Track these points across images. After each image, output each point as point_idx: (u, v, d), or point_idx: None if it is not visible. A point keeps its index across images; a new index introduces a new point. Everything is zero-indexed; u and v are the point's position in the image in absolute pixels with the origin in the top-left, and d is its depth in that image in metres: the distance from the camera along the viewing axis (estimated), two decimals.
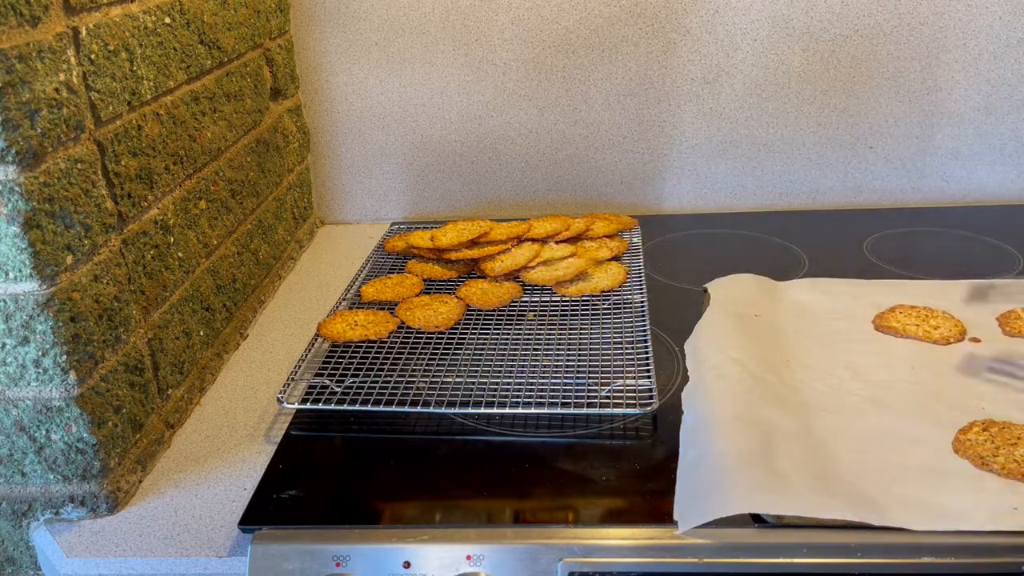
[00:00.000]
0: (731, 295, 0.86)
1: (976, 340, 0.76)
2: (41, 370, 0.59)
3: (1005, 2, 1.02)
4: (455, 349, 0.80)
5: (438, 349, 0.80)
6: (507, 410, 0.70)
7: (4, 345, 0.58)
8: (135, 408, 0.67)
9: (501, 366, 0.76)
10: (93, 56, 0.62)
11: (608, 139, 1.13)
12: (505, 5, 1.06)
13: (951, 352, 0.75)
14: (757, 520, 0.57)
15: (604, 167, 1.14)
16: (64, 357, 0.59)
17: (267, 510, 0.62)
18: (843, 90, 1.08)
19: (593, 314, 0.85)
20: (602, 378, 0.73)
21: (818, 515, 0.55)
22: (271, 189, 1.00)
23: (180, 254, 0.76)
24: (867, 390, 0.70)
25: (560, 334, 0.81)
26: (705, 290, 0.89)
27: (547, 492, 0.62)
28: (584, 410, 0.69)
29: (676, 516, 0.57)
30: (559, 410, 0.69)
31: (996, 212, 1.10)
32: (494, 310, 0.86)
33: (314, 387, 0.74)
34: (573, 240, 0.99)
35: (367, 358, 0.79)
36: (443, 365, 0.77)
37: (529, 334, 0.81)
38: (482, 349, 0.80)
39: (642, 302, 0.86)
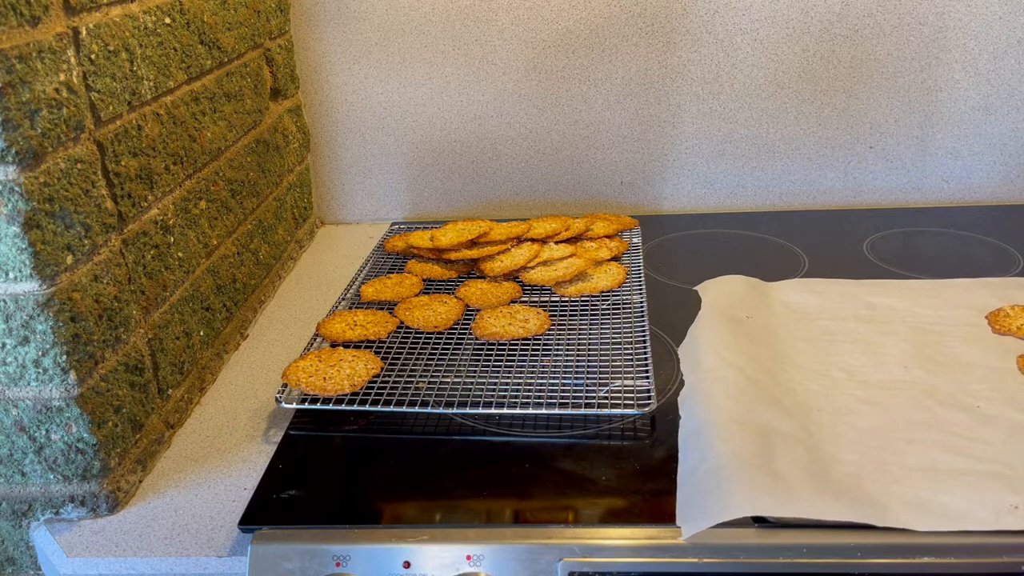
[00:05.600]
0: (721, 297, 0.86)
1: None
2: (41, 370, 0.59)
3: (1005, 2, 1.02)
4: (455, 349, 0.80)
5: (437, 349, 0.80)
6: (506, 410, 0.70)
7: (4, 345, 0.58)
8: (135, 408, 0.67)
9: (500, 366, 0.76)
10: (93, 56, 0.62)
11: (608, 139, 1.13)
12: (505, 5, 1.06)
13: (943, 351, 0.75)
14: (758, 521, 0.57)
15: (604, 167, 1.14)
16: (64, 357, 0.59)
17: (267, 510, 0.62)
18: (843, 90, 1.08)
19: (592, 314, 0.85)
20: (601, 378, 0.73)
21: (820, 517, 0.55)
22: (271, 189, 1.00)
23: (180, 254, 0.76)
24: (861, 390, 0.70)
25: (559, 334, 0.81)
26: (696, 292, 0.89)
27: (547, 492, 0.62)
28: (583, 411, 0.69)
29: (679, 522, 0.57)
30: (558, 411, 0.69)
31: (996, 212, 1.10)
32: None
33: None
34: (573, 240, 0.99)
35: None
36: (443, 365, 0.77)
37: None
38: (481, 349, 0.80)
39: (641, 302, 0.86)
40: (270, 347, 0.88)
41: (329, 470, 0.67)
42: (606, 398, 0.70)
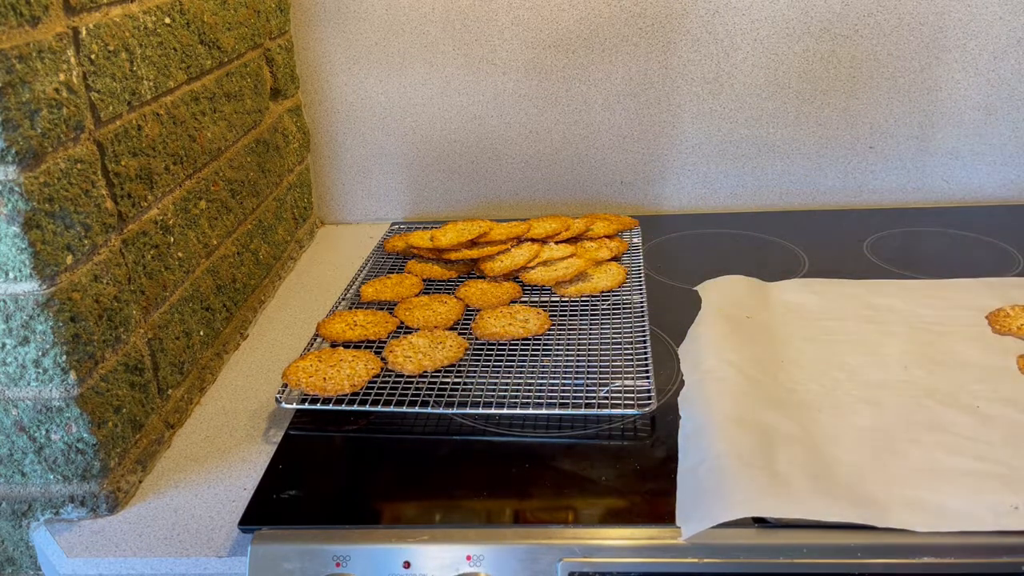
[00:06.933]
0: (722, 297, 0.86)
1: None
2: (41, 370, 0.59)
3: (1005, 2, 1.02)
4: None
5: None
6: (506, 410, 0.70)
7: (4, 345, 0.58)
8: (135, 408, 0.67)
9: (500, 366, 0.76)
10: (93, 56, 0.62)
11: (608, 139, 1.13)
12: (505, 5, 1.06)
13: (943, 352, 0.75)
14: (758, 521, 0.57)
15: (604, 167, 1.14)
16: (64, 357, 0.59)
17: (267, 510, 0.62)
18: (843, 90, 1.08)
19: (592, 314, 0.85)
20: (601, 379, 0.73)
21: (820, 518, 0.55)
22: (271, 189, 1.00)
23: (180, 254, 0.76)
24: (862, 390, 0.70)
25: (559, 334, 0.81)
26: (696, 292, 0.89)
27: (547, 492, 0.62)
28: (583, 411, 0.69)
29: (679, 522, 0.57)
30: (558, 411, 0.69)
31: (996, 212, 1.10)
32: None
33: None
34: (573, 240, 0.99)
35: None
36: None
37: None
38: (481, 349, 0.80)
39: (641, 302, 0.86)
40: (270, 347, 0.88)
41: (329, 470, 0.67)
42: (606, 398, 0.70)
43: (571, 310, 0.86)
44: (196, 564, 0.60)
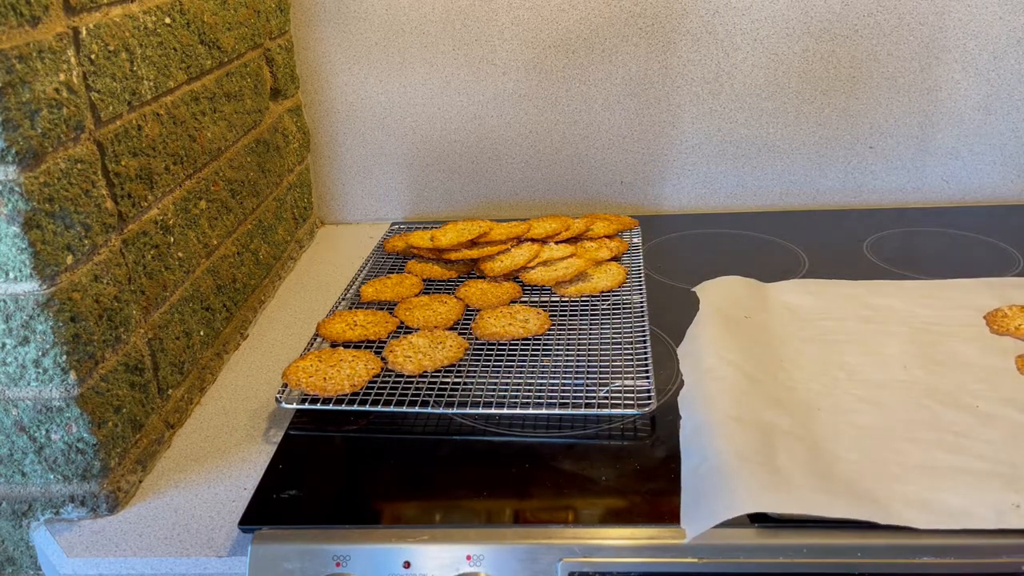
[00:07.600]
0: (720, 297, 0.86)
1: None
2: (41, 370, 0.59)
3: (1005, 2, 1.02)
4: None
5: None
6: (506, 410, 0.70)
7: (4, 345, 0.58)
8: (135, 408, 0.67)
9: (500, 366, 0.76)
10: (93, 56, 0.62)
11: (608, 139, 1.13)
12: (505, 5, 1.06)
13: (943, 351, 0.75)
14: (758, 520, 0.57)
15: (604, 167, 1.14)
16: (64, 357, 0.59)
17: (267, 510, 0.62)
18: (843, 90, 1.08)
19: (592, 314, 0.85)
20: (601, 378, 0.73)
21: (823, 514, 0.55)
22: (271, 189, 1.00)
23: (180, 254, 0.76)
24: (861, 390, 0.70)
25: (559, 334, 0.81)
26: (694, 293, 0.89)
27: (547, 492, 0.62)
28: (583, 411, 0.69)
29: (683, 523, 0.57)
30: (558, 411, 0.69)
31: (996, 212, 1.10)
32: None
33: None
34: (573, 240, 0.99)
35: None
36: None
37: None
38: (481, 349, 0.80)
39: (641, 302, 0.86)
40: (270, 347, 0.88)
41: (329, 470, 0.67)
42: (606, 398, 0.70)
43: (571, 310, 0.86)
44: (196, 564, 0.60)
